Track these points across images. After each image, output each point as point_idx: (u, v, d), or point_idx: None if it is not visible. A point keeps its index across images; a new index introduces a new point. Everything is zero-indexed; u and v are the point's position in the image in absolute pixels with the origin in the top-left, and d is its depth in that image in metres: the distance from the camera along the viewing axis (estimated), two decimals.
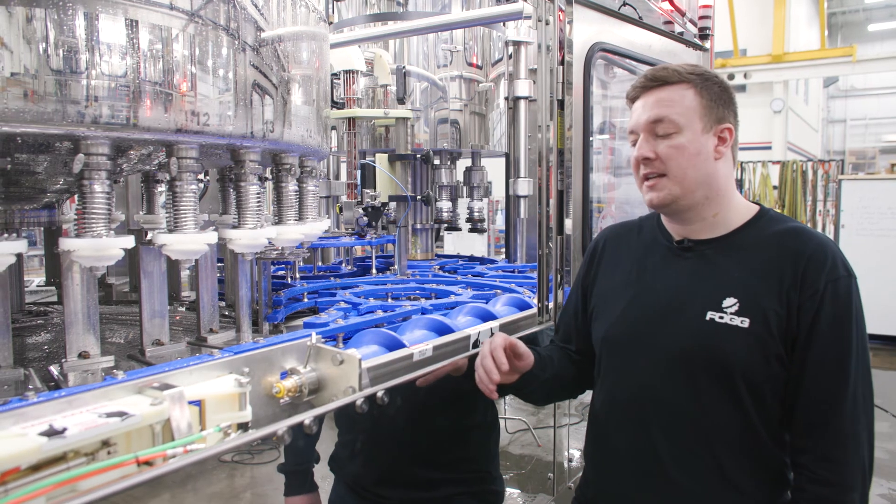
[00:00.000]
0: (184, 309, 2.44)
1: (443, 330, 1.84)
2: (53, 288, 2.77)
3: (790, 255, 1.42)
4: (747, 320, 1.42)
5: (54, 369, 1.59)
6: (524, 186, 2.81)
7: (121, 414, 1.00)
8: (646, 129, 1.50)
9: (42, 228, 2.44)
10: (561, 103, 2.38)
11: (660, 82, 1.49)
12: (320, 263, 3.44)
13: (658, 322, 1.54)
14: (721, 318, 1.44)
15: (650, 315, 1.57)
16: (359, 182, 3.18)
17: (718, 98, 1.49)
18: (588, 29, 2.20)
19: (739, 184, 14.12)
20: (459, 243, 9.10)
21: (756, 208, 1.56)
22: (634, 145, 1.54)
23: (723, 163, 1.50)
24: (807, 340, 1.40)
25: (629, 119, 1.57)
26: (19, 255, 1.57)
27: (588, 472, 1.76)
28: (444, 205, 3.39)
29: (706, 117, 1.47)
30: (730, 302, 1.44)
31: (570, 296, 1.91)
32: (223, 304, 2.31)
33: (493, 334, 1.76)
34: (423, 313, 2.06)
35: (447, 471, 2.15)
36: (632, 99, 1.56)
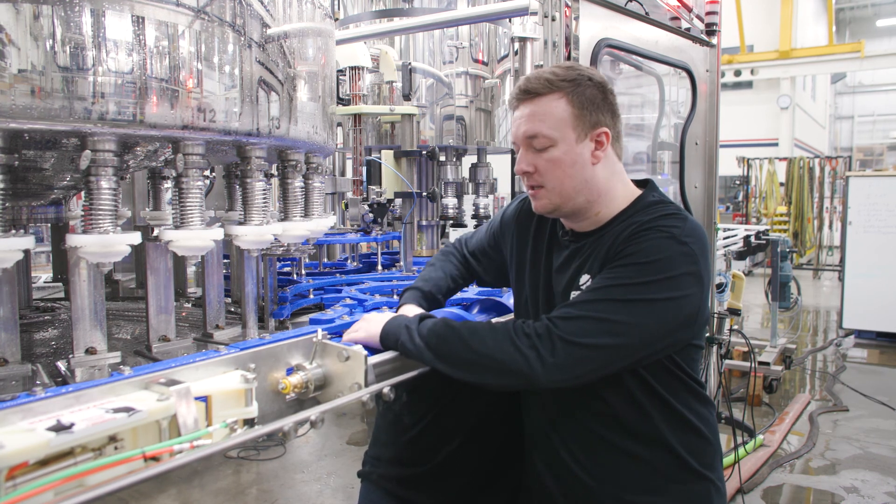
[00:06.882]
0: (190, 305, 2.45)
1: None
2: (60, 284, 2.78)
3: (629, 227, 1.48)
4: None
5: (62, 365, 1.60)
6: None
7: (128, 409, 1.01)
8: (523, 144, 1.54)
9: (49, 225, 2.45)
10: None
11: (532, 94, 1.51)
12: (326, 260, 3.44)
13: (542, 308, 1.62)
14: (577, 293, 1.51)
15: (536, 300, 1.65)
16: (364, 178, 3.18)
17: (591, 102, 1.50)
18: (594, 25, 2.19)
19: (746, 180, 14.08)
20: None
21: (635, 195, 1.58)
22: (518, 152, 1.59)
23: (602, 165, 1.53)
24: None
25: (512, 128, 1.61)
26: (27, 252, 1.58)
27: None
28: (450, 201, 3.40)
29: (579, 126, 1.49)
30: (585, 278, 1.52)
31: (487, 233, 1.93)
32: (229, 300, 2.31)
33: None
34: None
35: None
36: (511, 109, 1.60)
